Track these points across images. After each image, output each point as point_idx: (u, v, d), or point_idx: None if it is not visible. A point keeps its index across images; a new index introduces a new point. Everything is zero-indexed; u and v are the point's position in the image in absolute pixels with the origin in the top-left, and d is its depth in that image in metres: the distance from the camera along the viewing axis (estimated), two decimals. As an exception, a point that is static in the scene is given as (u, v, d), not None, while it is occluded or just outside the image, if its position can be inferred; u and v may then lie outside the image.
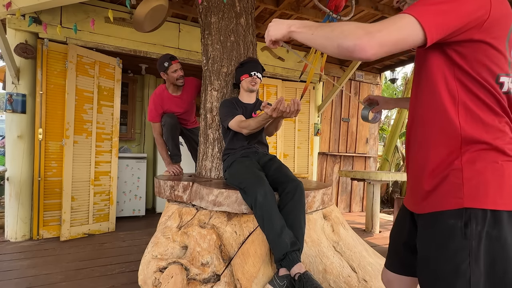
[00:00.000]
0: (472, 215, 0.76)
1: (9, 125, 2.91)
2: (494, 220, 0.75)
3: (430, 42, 0.74)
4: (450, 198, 0.79)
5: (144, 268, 1.74)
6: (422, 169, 0.87)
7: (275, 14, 3.57)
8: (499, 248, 0.75)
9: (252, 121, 1.84)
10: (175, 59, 2.53)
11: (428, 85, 0.85)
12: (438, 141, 0.84)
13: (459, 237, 0.76)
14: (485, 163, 0.78)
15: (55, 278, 2.14)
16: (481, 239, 0.75)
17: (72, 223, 3.03)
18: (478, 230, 0.75)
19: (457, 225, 0.77)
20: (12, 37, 2.88)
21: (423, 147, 0.88)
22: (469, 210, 0.76)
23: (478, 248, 0.75)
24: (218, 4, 2.25)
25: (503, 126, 0.79)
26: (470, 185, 0.77)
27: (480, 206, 0.75)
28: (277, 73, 4.15)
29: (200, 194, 1.83)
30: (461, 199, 0.77)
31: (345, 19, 2.31)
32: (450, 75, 0.81)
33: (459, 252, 0.76)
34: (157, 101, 2.59)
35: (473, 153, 0.79)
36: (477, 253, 0.75)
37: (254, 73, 2.03)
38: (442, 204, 0.81)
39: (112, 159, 3.37)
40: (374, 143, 5.44)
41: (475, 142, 0.79)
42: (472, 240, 0.75)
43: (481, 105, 0.79)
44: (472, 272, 0.75)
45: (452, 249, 0.78)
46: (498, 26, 0.76)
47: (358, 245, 1.99)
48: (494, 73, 0.78)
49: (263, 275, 1.56)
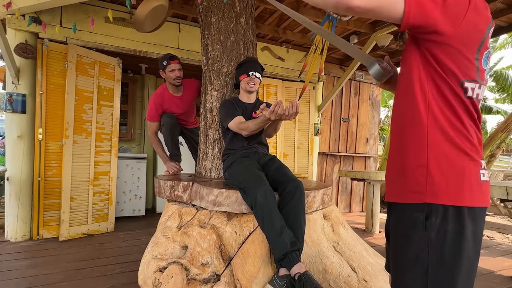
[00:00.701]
0: (433, 209, 0.82)
1: (9, 125, 2.91)
2: (454, 215, 0.81)
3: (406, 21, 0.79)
4: (415, 192, 0.85)
5: (144, 268, 1.74)
6: (394, 161, 0.94)
7: (275, 14, 3.57)
8: (456, 240, 0.80)
9: (251, 123, 1.84)
10: (175, 59, 2.52)
11: (405, 81, 0.91)
12: (408, 136, 0.89)
13: (420, 229, 0.83)
14: (448, 162, 0.83)
15: (55, 278, 2.14)
16: (439, 231, 0.81)
17: (71, 223, 3.03)
18: (437, 223, 0.81)
19: (420, 218, 0.84)
20: (12, 37, 2.88)
21: (396, 140, 0.93)
22: (431, 205, 0.82)
23: (436, 239, 0.81)
24: (218, 4, 2.25)
25: (466, 128, 0.84)
26: (433, 182, 0.83)
27: (440, 202, 0.81)
28: (277, 73, 4.15)
29: (200, 194, 1.83)
30: (424, 194, 0.83)
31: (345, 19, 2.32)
32: (424, 74, 0.86)
33: (419, 242, 0.83)
34: (157, 101, 2.59)
35: (438, 152, 0.84)
36: (435, 243, 0.81)
37: (252, 73, 2.02)
38: (408, 197, 0.87)
39: (111, 159, 3.37)
40: (374, 143, 5.44)
41: (440, 141, 0.84)
42: (431, 231, 0.82)
43: (448, 107, 0.84)
44: (430, 260, 0.81)
45: (414, 239, 0.85)
46: (470, 33, 0.81)
47: (358, 245, 1.99)
48: (459, 78, 0.82)
49: (263, 275, 1.56)
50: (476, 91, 0.84)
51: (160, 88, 2.64)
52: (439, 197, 0.82)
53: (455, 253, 0.80)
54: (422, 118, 0.85)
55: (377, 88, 5.46)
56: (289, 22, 3.81)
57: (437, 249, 0.81)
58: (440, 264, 0.81)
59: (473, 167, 0.83)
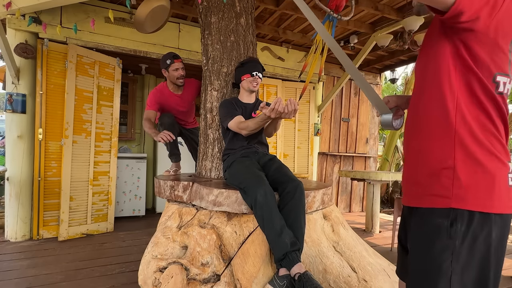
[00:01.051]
0: (458, 215, 0.76)
1: (9, 125, 2.91)
2: (480, 222, 0.75)
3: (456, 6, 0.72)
4: (439, 196, 0.79)
5: (144, 268, 1.73)
6: (417, 162, 0.86)
7: (275, 14, 3.57)
8: (483, 249, 0.75)
9: (251, 122, 1.84)
10: (178, 58, 2.54)
11: (429, 77, 0.84)
12: (433, 135, 0.82)
13: (444, 236, 0.77)
14: (477, 165, 0.77)
15: (55, 278, 2.14)
16: (464, 239, 0.76)
17: (70, 223, 3.03)
18: (463, 230, 0.76)
19: (444, 224, 0.78)
20: (12, 37, 2.88)
21: (417, 140, 0.87)
22: (456, 210, 0.77)
23: (461, 248, 0.76)
24: (218, 4, 2.25)
25: (497, 128, 0.79)
26: (460, 186, 0.77)
27: (467, 207, 0.76)
28: (277, 73, 4.15)
29: (200, 194, 1.83)
30: (449, 198, 0.77)
31: (345, 19, 2.31)
32: (454, 68, 0.79)
33: (443, 251, 0.77)
34: (157, 94, 2.59)
35: (466, 154, 0.78)
36: (460, 252, 0.76)
37: (256, 73, 2.03)
38: (431, 201, 0.81)
39: (111, 159, 3.37)
40: (374, 143, 5.44)
41: (469, 142, 0.77)
42: (456, 239, 0.76)
43: (478, 104, 0.78)
44: (453, 271, 0.76)
45: (437, 247, 0.78)
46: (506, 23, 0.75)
47: (358, 245, 1.99)
48: (491, 71, 0.77)
49: (263, 275, 1.56)
50: (507, 86, 0.78)
51: (160, 85, 2.64)
52: (466, 202, 0.76)
53: (481, 263, 0.76)
54: (450, 116, 0.79)
55: (377, 88, 5.46)
56: (289, 22, 3.81)
57: (462, 259, 0.76)
58: (464, 274, 0.76)
59: (503, 170, 0.77)
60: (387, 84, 9.03)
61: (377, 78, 5.43)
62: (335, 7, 2.26)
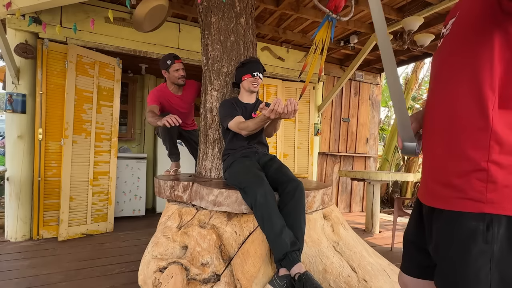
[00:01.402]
0: (494, 219, 0.70)
1: (9, 125, 2.91)
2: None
3: None
4: (470, 200, 0.72)
5: (144, 268, 1.74)
6: (444, 160, 0.78)
7: (275, 14, 3.57)
8: None
9: (251, 123, 1.84)
10: (179, 59, 2.55)
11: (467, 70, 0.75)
12: (465, 131, 0.74)
13: (480, 241, 0.70)
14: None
15: (55, 278, 2.14)
16: (503, 244, 0.69)
17: (70, 223, 3.03)
18: (501, 234, 0.69)
19: (479, 228, 0.71)
20: (12, 37, 2.88)
21: (443, 136, 0.79)
22: (491, 215, 0.70)
23: (500, 254, 0.69)
24: (218, 4, 2.25)
25: None
26: (495, 189, 0.70)
27: (503, 212, 0.69)
28: (277, 73, 4.15)
29: (200, 194, 1.83)
30: (483, 203, 0.70)
31: (344, 19, 2.31)
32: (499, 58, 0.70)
33: (480, 257, 0.70)
34: (158, 93, 2.59)
35: (502, 154, 0.70)
36: (499, 259, 0.69)
37: (257, 73, 2.03)
38: (461, 204, 0.74)
39: (111, 159, 3.37)
40: (374, 143, 5.44)
41: (506, 141, 0.70)
42: (494, 244, 0.69)
43: None
44: (492, 278, 0.70)
45: (473, 254, 0.71)
46: None
47: (358, 245, 1.99)
48: None
49: (263, 275, 1.56)
50: None
51: (161, 86, 2.65)
52: (503, 207, 0.69)
53: None
54: (487, 111, 0.70)
55: (377, 88, 5.46)
56: (289, 22, 3.81)
57: (501, 265, 0.69)
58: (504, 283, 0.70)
59: None
60: (387, 84, 9.02)
61: (377, 78, 5.43)
62: (334, 8, 2.26)
